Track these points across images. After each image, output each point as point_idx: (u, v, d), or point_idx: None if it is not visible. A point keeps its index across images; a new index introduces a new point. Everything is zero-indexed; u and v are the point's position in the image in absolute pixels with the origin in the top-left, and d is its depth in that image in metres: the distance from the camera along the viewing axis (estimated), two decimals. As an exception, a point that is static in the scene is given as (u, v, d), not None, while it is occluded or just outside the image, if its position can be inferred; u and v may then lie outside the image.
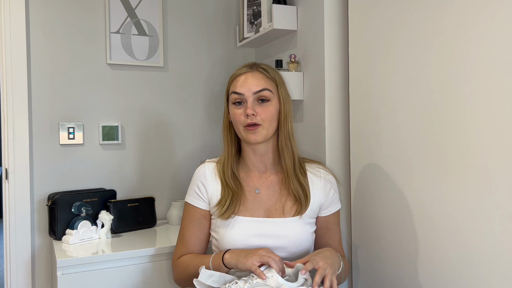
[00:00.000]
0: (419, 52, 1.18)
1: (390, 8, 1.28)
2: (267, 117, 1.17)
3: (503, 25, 0.96)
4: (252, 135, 1.17)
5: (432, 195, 1.15)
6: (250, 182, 1.26)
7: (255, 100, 1.18)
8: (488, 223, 1.00)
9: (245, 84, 1.18)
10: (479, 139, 1.01)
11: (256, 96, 1.18)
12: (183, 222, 1.31)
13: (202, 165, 1.30)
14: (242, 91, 1.18)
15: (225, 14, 2.17)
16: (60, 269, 1.41)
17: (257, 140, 1.17)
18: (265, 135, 1.18)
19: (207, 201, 1.27)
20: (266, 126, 1.18)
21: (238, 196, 1.22)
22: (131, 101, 1.97)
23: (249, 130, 1.17)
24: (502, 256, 0.97)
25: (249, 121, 1.16)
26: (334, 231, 1.29)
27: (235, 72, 1.24)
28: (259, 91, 1.17)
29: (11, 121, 1.74)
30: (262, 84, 1.18)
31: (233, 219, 1.21)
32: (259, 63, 1.25)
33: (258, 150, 1.23)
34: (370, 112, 1.36)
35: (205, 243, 1.31)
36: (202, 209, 1.27)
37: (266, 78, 1.20)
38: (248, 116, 1.16)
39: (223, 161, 1.26)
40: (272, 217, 1.21)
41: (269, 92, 1.18)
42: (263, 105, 1.18)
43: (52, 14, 1.83)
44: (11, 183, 1.75)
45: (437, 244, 1.14)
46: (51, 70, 1.83)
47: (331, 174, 1.31)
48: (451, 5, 1.08)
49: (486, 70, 1.00)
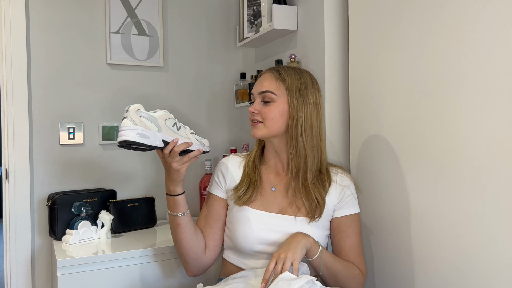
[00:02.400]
0: (419, 52, 1.18)
1: (390, 8, 1.28)
2: (267, 116, 1.24)
3: (503, 26, 0.96)
4: (253, 129, 1.27)
5: (432, 196, 1.15)
6: (268, 179, 1.31)
7: (260, 100, 1.26)
8: (485, 224, 1.00)
9: (256, 85, 1.28)
10: (478, 140, 1.01)
11: (261, 96, 1.25)
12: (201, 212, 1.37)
13: (226, 157, 1.38)
14: (253, 91, 1.29)
15: (225, 14, 2.17)
16: (60, 269, 1.41)
17: (255, 135, 1.25)
18: (266, 132, 1.24)
19: (225, 190, 1.33)
20: (267, 124, 1.24)
21: (256, 186, 1.28)
22: (131, 101, 1.97)
23: (252, 125, 1.27)
24: (499, 256, 0.97)
25: (251, 117, 1.27)
26: (346, 234, 1.26)
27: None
28: (262, 92, 1.25)
29: (11, 121, 1.74)
30: (266, 86, 1.25)
31: (247, 211, 1.25)
32: (284, 66, 1.35)
33: (273, 147, 1.29)
34: (370, 112, 1.37)
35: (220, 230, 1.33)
36: (219, 196, 1.33)
37: (276, 80, 1.24)
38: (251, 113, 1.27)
39: (251, 154, 1.36)
40: (285, 214, 1.24)
41: (271, 94, 1.23)
42: (266, 105, 1.25)
43: (52, 14, 1.83)
44: (11, 183, 1.75)
45: (435, 245, 1.14)
46: (51, 70, 1.83)
47: (349, 178, 1.31)
48: (451, 5, 1.08)
49: (486, 70, 1.00)
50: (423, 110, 1.17)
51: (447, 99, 1.10)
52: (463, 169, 1.06)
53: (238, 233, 1.23)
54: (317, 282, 1.04)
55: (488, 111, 1.00)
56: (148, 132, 1.12)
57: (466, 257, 1.06)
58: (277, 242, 1.20)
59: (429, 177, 1.15)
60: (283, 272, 1.04)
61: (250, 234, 1.21)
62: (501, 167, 0.97)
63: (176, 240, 1.28)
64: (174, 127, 1.18)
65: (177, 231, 1.26)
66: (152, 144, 1.12)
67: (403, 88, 1.23)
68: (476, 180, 1.03)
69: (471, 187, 1.04)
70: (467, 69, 1.04)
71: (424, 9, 1.16)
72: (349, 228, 1.27)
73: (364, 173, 1.40)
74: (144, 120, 1.12)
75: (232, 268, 1.27)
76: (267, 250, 1.21)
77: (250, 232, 1.21)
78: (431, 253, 1.16)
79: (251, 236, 1.21)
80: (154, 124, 1.14)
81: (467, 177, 1.05)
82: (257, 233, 1.21)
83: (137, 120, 1.11)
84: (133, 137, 1.10)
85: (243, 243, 1.21)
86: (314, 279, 1.03)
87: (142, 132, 1.11)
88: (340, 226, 1.27)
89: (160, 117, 1.16)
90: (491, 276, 1.00)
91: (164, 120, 1.16)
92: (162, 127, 1.15)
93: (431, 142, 1.15)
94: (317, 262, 1.17)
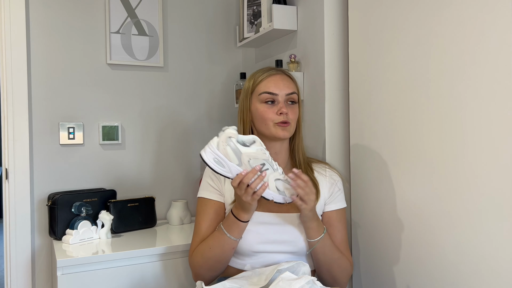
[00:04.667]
0: (419, 52, 1.18)
1: (390, 8, 1.28)
2: (295, 117, 1.29)
3: (503, 26, 0.96)
4: (283, 131, 1.25)
5: (432, 195, 1.15)
6: None
7: (285, 101, 1.27)
8: (481, 223, 1.00)
9: (278, 86, 1.27)
10: (478, 139, 1.02)
11: (288, 97, 1.27)
12: (197, 218, 1.30)
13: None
14: (276, 91, 1.26)
15: (225, 14, 2.17)
16: (60, 269, 1.41)
17: (286, 136, 1.26)
18: (291, 133, 1.28)
19: (222, 192, 1.29)
20: (293, 125, 1.28)
21: None
22: (131, 101, 1.97)
23: (280, 127, 1.25)
24: (497, 254, 0.98)
25: (283, 118, 1.25)
26: (337, 228, 1.29)
27: (261, 73, 1.31)
28: (291, 93, 1.28)
29: (11, 121, 1.74)
30: (292, 87, 1.29)
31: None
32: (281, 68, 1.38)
33: (274, 148, 1.29)
34: (370, 112, 1.37)
35: None
36: (216, 200, 1.29)
37: (293, 83, 1.32)
38: (282, 114, 1.25)
39: None
40: (282, 212, 1.25)
41: (296, 95, 1.30)
42: (292, 106, 1.28)
43: (52, 14, 1.83)
44: (11, 183, 1.75)
45: (435, 243, 1.14)
46: (51, 70, 1.83)
47: (337, 174, 1.36)
48: (450, 5, 1.08)
49: (485, 70, 1.00)
50: (423, 110, 1.17)
51: (447, 99, 1.10)
52: (462, 169, 1.06)
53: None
54: (318, 282, 1.04)
55: (488, 110, 1.00)
56: (226, 162, 1.08)
57: (467, 254, 1.06)
58: (278, 241, 1.21)
59: (429, 177, 1.15)
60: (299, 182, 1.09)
61: (250, 235, 1.21)
62: (501, 167, 0.97)
63: (220, 260, 1.21)
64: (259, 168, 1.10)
65: (228, 253, 1.20)
66: (224, 174, 1.09)
67: (403, 88, 1.24)
68: (475, 179, 1.03)
69: (471, 187, 1.04)
70: (467, 69, 1.04)
71: (424, 9, 1.16)
72: (339, 223, 1.30)
73: (364, 173, 1.40)
74: (228, 150, 1.07)
75: (229, 268, 1.27)
76: (266, 249, 1.21)
77: (250, 233, 1.21)
78: (432, 251, 1.16)
79: (250, 237, 1.21)
80: (236, 157, 1.08)
81: (466, 177, 1.05)
82: (256, 234, 1.21)
83: (222, 146, 1.07)
84: (209, 160, 1.08)
85: (242, 244, 1.21)
86: (315, 279, 1.03)
87: (219, 160, 1.08)
88: (331, 221, 1.29)
89: (246, 154, 1.08)
90: (489, 271, 1.00)
91: (248, 160, 1.08)
92: (244, 164, 1.08)
93: (431, 142, 1.15)
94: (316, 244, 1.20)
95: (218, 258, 1.20)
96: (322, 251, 1.21)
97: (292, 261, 1.14)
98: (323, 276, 1.26)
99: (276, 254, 1.22)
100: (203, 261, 1.22)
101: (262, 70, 1.33)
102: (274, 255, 1.22)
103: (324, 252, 1.21)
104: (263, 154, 1.09)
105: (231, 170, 1.09)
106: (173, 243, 1.60)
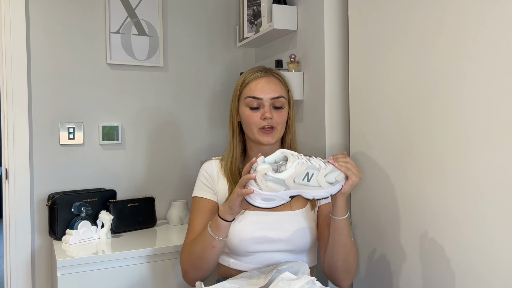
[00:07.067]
0: (419, 52, 1.18)
1: (390, 8, 1.28)
2: (281, 121, 1.25)
3: (503, 26, 0.96)
4: (267, 137, 1.23)
5: (432, 194, 1.15)
6: None
7: (271, 105, 1.24)
8: (484, 222, 1.00)
9: (263, 90, 1.24)
10: (478, 139, 1.01)
11: (273, 101, 1.24)
12: (191, 216, 1.29)
13: (208, 161, 1.34)
14: (260, 96, 1.24)
15: (225, 14, 2.17)
16: (60, 269, 1.41)
17: (270, 142, 1.23)
18: (277, 137, 1.25)
19: (216, 192, 1.29)
20: (279, 129, 1.25)
21: None
22: (131, 101, 1.97)
23: (264, 133, 1.23)
24: (499, 254, 0.97)
25: (266, 124, 1.22)
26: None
27: (248, 75, 1.28)
28: (276, 97, 1.24)
29: (11, 121, 1.74)
30: (278, 91, 1.25)
31: (241, 213, 1.22)
32: (271, 68, 1.31)
33: (264, 150, 1.27)
34: (370, 112, 1.37)
35: None
36: (210, 199, 1.28)
37: (281, 84, 1.28)
38: (265, 119, 1.23)
39: (229, 159, 1.30)
40: (277, 211, 1.23)
41: (284, 99, 1.26)
42: (278, 110, 1.25)
43: (52, 14, 1.83)
44: (11, 183, 1.75)
45: (435, 243, 1.14)
46: (51, 70, 1.83)
47: None
48: (451, 5, 1.08)
49: (486, 70, 1.00)
50: (423, 110, 1.17)
51: (447, 99, 1.10)
52: (463, 169, 1.06)
53: (233, 235, 1.20)
54: (317, 283, 1.04)
55: (489, 111, 1.00)
56: (274, 195, 1.05)
57: (467, 253, 1.06)
58: (275, 239, 1.20)
59: (429, 176, 1.15)
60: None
61: (246, 234, 1.20)
62: (502, 167, 0.97)
63: (202, 257, 1.20)
64: (305, 180, 1.05)
65: (209, 251, 1.18)
66: (277, 204, 1.06)
67: (403, 88, 1.23)
68: (476, 179, 1.03)
69: (472, 187, 1.04)
70: (467, 69, 1.04)
71: (424, 9, 1.16)
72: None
73: (364, 173, 1.40)
74: (270, 184, 1.03)
75: (225, 269, 1.27)
76: (263, 248, 1.21)
77: (245, 233, 1.20)
78: (432, 250, 1.16)
79: (247, 237, 1.20)
80: (281, 185, 1.04)
81: (467, 177, 1.05)
82: (252, 233, 1.20)
83: (263, 185, 1.03)
84: (259, 203, 1.05)
85: (238, 244, 1.20)
86: (314, 279, 1.03)
87: (267, 197, 1.05)
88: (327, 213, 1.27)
89: (289, 178, 1.04)
90: (489, 270, 1.00)
91: (293, 180, 1.04)
92: (291, 186, 1.04)
93: (431, 141, 1.15)
94: (344, 224, 1.15)
95: (200, 254, 1.19)
96: (347, 232, 1.16)
97: (292, 261, 1.14)
98: (337, 266, 1.20)
99: (273, 253, 1.21)
100: (188, 256, 1.22)
101: (251, 71, 1.30)
102: (271, 254, 1.21)
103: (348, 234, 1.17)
104: (302, 166, 1.04)
105: (282, 197, 1.06)
106: (173, 243, 1.60)
